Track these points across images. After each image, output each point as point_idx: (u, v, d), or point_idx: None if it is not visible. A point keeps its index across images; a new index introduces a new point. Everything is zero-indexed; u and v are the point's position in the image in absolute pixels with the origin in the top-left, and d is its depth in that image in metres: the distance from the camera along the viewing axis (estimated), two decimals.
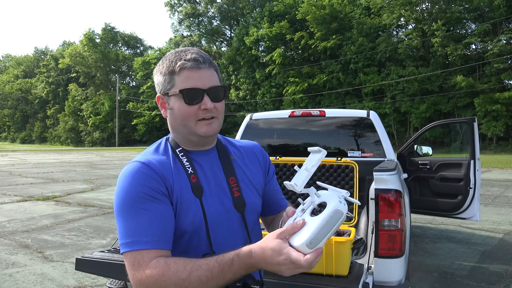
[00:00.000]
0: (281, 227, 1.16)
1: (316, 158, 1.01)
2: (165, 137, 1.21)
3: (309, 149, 1.07)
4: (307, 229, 0.90)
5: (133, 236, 0.98)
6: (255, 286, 1.04)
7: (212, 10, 53.30)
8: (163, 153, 1.14)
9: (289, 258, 0.88)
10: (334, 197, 0.94)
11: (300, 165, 1.04)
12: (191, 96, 1.07)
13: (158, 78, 1.13)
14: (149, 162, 1.06)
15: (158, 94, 1.15)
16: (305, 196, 1.01)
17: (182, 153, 1.13)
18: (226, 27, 54.62)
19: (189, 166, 1.11)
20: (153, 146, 1.18)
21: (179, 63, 1.08)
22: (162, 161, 1.09)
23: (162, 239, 1.00)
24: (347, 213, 0.92)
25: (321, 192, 0.98)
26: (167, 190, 1.05)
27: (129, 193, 1.01)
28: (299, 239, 0.90)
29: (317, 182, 1.10)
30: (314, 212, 0.94)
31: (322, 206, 0.94)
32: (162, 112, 1.17)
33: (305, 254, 0.87)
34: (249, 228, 1.16)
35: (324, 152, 1.02)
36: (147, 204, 1.01)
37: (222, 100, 1.13)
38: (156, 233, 0.99)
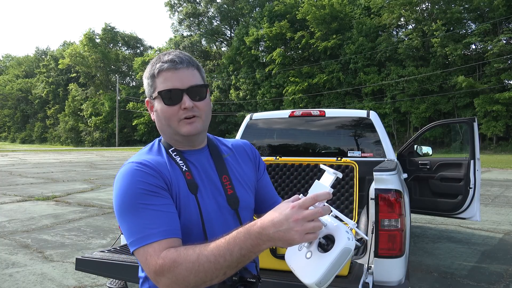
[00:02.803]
0: None
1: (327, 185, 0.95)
2: (157, 139, 1.22)
3: (322, 166, 1.03)
4: (317, 267, 0.88)
5: (140, 232, 0.97)
6: (251, 280, 1.04)
7: (212, 10, 53.34)
8: (157, 153, 1.15)
9: (297, 204, 0.85)
10: (341, 232, 0.89)
11: (300, 165, 1.03)
12: (169, 96, 1.08)
13: (144, 82, 1.16)
14: (145, 161, 1.07)
15: (147, 99, 1.18)
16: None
17: (175, 153, 1.14)
18: (226, 27, 54.61)
19: (183, 164, 1.12)
20: (146, 147, 1.19)
21: (157, 66, 1.10)
22: (157, 160, 1.10)
23: (171, 228, 0.99)
24: (356, 243, 0.89)
25: (326, 220, 0.92)
26: (166, 185, 1.05)
27: (129, 192, 1.01)
28: (308, 277, 0.88)
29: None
30: (321, 246, 0.90)
31: (329, 239, 0.90)
32: (151, 115, 1.19)
33: None
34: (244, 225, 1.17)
35: (340, 175, 0.97)
36: (148, 199, 1.00)
37: (204, 98, 1.13)
38: (163, 223, 0.98)
